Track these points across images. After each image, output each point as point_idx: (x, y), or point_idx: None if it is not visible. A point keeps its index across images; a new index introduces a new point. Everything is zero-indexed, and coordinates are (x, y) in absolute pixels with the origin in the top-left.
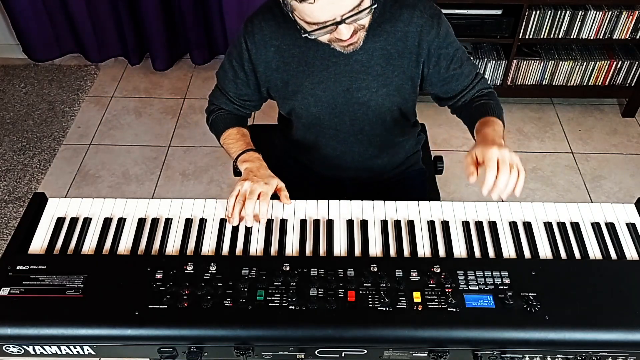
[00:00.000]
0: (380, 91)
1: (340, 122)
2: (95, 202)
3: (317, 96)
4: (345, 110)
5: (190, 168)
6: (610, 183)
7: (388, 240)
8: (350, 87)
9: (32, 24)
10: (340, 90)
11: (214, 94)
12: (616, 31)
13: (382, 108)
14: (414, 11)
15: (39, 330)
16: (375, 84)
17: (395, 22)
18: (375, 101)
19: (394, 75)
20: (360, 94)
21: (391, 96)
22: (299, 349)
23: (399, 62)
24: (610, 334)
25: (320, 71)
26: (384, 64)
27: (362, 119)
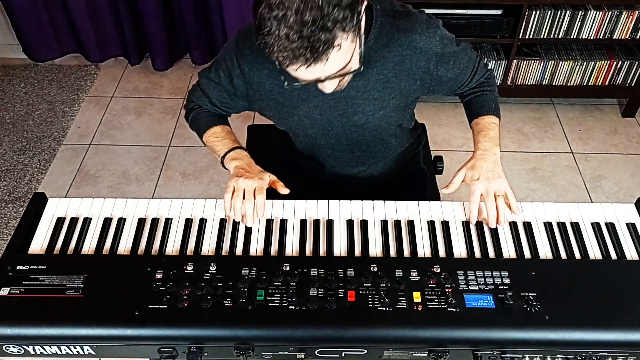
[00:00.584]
0: (376, 114)
1: (337, 142)
2: (95, 202)
3: (313, 119)
4: (341, 132)
5: (190, 168)
6: (610, 183)
7: (388, 240)
8: (346, 111)
9: (32, 24)
10: (336, 114)
11: (195, 93)
12: (616, 31)
13: (379, 129)
14: (411, 35)
15: (39, 330)
16: (372, 107)
17: (392, 47)
18: (372, 123)
19: (390, 98)
20: (356, 117)
21: (388, 117)
22: (299, 349)
23: (396, 85)
24: (610, 334)
25: (316, 96)
26: (381, 88)
27: (359, 139)
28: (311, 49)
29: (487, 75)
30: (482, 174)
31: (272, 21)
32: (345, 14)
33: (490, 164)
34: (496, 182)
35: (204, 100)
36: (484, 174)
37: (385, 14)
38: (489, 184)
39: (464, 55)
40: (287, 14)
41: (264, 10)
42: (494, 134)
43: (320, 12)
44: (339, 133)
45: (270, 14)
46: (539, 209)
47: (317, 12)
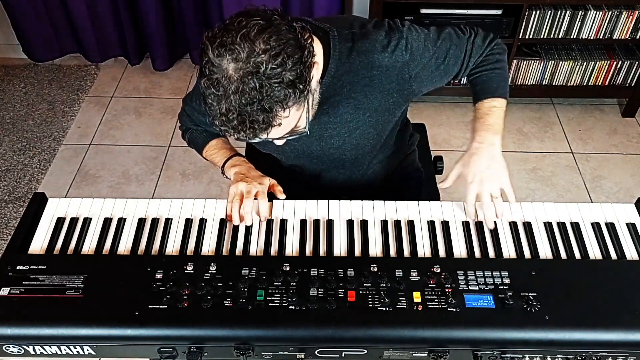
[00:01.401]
0: (353, 134)
1: (320, 162)
2: (95, 202)
3: (291, 145)
4: (322, 154)
5: (190, 168)
6: (610, 183)
7: (388, 240)
8: (322, 135)
9: (32, 24)
10: (312, 139)
11: (183, 118)
12: (616, 31)
13: (359, 146)
14: (372, 55)
15: (39, 330)
16: (346, 129)
17: (357, 71)
18: (349, 144)
19: (365, 117)
20: (333, 140)
21: (366, 134)
22: (299, 349)
23: (368, 105)
24: (610, 334)
25: None
26: (352, 111)
27: (341, 157)
28: (251, 128)
29: (487, 52)
30: (476, 174)
31: (213, 97)
32: (286, 92)
33: (485, 160)
34: (492, 182)
35: (191, 125)
36: (478, 174)
37: (344, 39)
38: (483, 185)
39: (447, 44)
40: (227, 92)
41: (205, 84)
42: (494, 120)
43: (259, 94)
44: (320, 155)
45: (211, 90)
46: (539, 209)
47: (255, 94)
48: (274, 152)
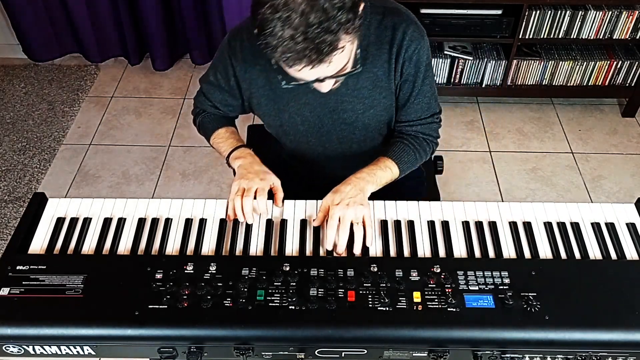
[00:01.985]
0: (366, 113)
1: (328, 140)
2: (95, 202)
3: (303, 116)
4: (332, 129)
5: (190, 168)
6: (610, 183)
7: (388, 240)
8: (336, 108)
9: (32, 24)
10: (326, 111)
11: (199, 99)
12: (616, 31)
13: (369, 127)
14: (396, 32)
15: (39, 330)
16: (362, 106)
17: (381, 45)
18: (361, 122)
19: (381, 97)
20: (346, 115)
21: (378, 115)
22: (299, 349)
23: (386, 84)
24: (610, 334)
25: (306, 93)
26: (371, 87)
27: (349, 137)
28: (316, 51)
29: (429, 139)
30: (343, 198)
31: (276, 22)
32: (348, 17)
33: (355, 190)
34: (356, 208)
35: (207, 105)
36: (345, 199)
37: (375, 10)
38: (346, 210)
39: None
40: (292, 15)
41: (267, 12)
42: (381, 176)
43: (325, 15)
44: (330, 131)
45: (274, 16)
46: (539, 209)
47: (322, 15)
48: (286, 123)
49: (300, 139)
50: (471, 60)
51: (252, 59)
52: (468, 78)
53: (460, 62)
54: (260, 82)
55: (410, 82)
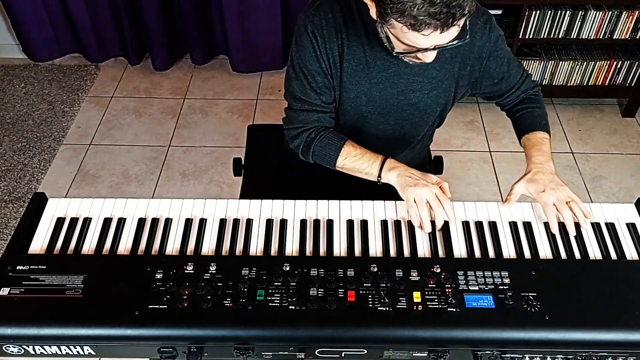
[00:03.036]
0: (431, 93)
1: (385, 121)
2: (95, 202)
3: (371, 96)
4: (393, 110)
5: (190, 168)
6: (610, 183)
7: (388, 240)
8: (405, 88)
9: (32, 24)
10: (395, 91)
11: (294, 118)
12: (616, 31)
13: (429, 109)
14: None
15: (39, 330)
16: (429, 86)
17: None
18: (424, 102)
19: (445, 78)
20: (413, 95)
21: (439, 98)
22: (299, 349)
23: (451, 66)
24: (610, 334)
25: (380, 72)
26: (439, 67)
27: (407, 118)
28: (451, 15)
29: (534, 91)
30: (546, 185)
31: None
32: None
33: (548, 176)
34: (561, 190)
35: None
36: (547, 185)
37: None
38: (556, 193)
39: (514, 60)
40: None
41: None
42: (547, 149)
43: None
44: (391, 111)
45: None
46: (539, 209)
47: None
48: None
49: (358, 119)
50: None
51: (333, 32)
52: None
53: None
54: (337, 57)
55: (497, 57)
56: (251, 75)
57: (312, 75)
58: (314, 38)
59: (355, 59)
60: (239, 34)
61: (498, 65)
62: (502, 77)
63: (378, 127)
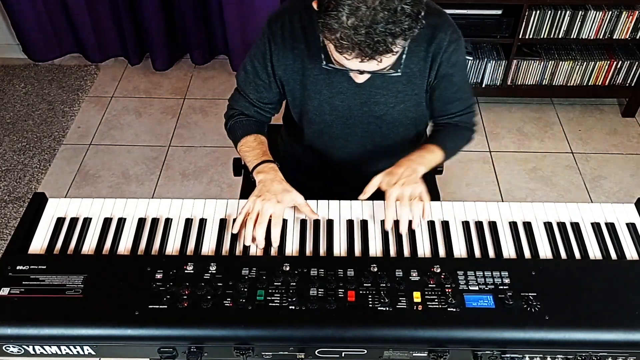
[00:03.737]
0: (397, 107)
1: (352, 133)
2: (95, 202)
3: (333, 105)
4: (359, 121)
5: (190, 168)
6: (610, 183)
7: (388, 240)
8: (368, 100)
9: (32, 24)
10: (357, 102)
11: (234, 97)
12: (616, 31)
13: (396, 122)
14: (437, 32)
15: (39, 330)
16: (394, 100)
17: (420, 42)
18: (390, 116)
19: (413, 93)
20: (377, 107)
21: (407, 112)
22: (299, 349)
23: (420, 81)
24: (610, 334)
25: (341, 82)
26: (406, 82)
27: (374, 130)
28: (372, 48)
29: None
30: (398, 179)
31: (345, 7)
32: (411, 24)
33: (409, 171)
34: (412, 186)
35: (242, 103)
36: (401, 179)
37: None
38: (403, 189)
39: (467, 92)
40: (362, 7)
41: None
42: (429, 158)
43: (393, 17)
44: (356, 123)
45: (345, 1)
46: (539, 209)
47: (390, 16)
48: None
49: (324, 129)
50: (471, 60)
51: (290, 43)
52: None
53: None
54: (295, 67)
55: (449, 81)
56: None
57: (256, 73)
58: (267, 43)
59: (317, 68)
60: (239, 34)
61: (447, 88)
62: (446, 102)
63: (347, 138)
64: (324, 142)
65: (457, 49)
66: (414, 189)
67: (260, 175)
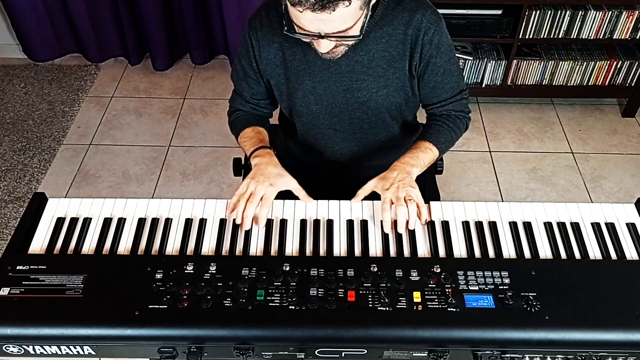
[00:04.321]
0: (380, 92)
1: (340, 121)
2: (95, 202)
3: (317, 95)
4: (344, 109)
5: (190, 168)
6: (610, 183)
7: (388, 240)
8: (350, 87)
9: (32, 24)
10: (340, 89)
11: (232, 96)
12: (616, 31)
13: (381, 108)
14: (414, 15)
15: (39, 330)
16: (376, 85)
17: (397, 25)
18: (375, 101)
19: (394, 77)
20: (360, 93)
21: (391, 96)
22: (299, 349)
23: (401, 65)
24: (610, 334)
25: (321, 70)
26: (386, 65)
27: (361, 118)
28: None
29: (462, 115)
30: (392, 183)
31: None
32: None
33: (402, 174)
34: (406, 189)
35: (238, 101)
36: (395, 183)
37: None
38: (398, 192)
39: (455, 76)
40: None
41: None
42: (423, 158)
43: None
44: (342, 110)
45: None
46: (539, 209)
47: None
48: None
49: (312, 120)
50: (471, 60)
51: (270, 37)
52: (468, 78)
53: (460, 62)
54: (277, 61)
55: (434, 64)
56: None
57: (245, 71)
58: (249, 40)
59: (297, 59)
60: (239, 34)
61: (433, 72)
62: (433, 86)
63: (335, 127)
64: (315, 135)
65: (438, 30)
66: (408, 192)
67: (256, 159)
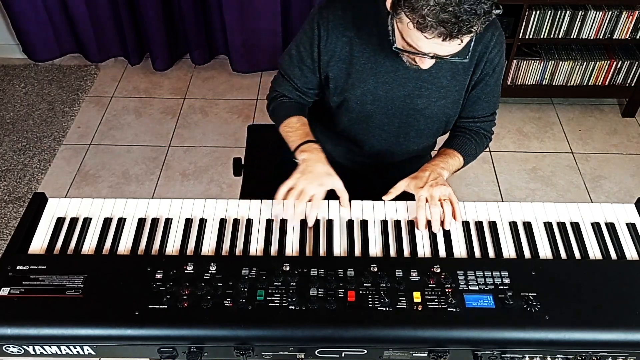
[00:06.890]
0: (439, 102)
1: (390, 123)
2: (95, 202)
3: (377, 95)
4: (398, 113)
5: (190, 168)
6: (610, 183)
7: (388, 240)
8: (412, 93)
9: (32, 24)
10: (401, 94)
11: (277, 81)
12: (616, 31)
13: (434, 117)
14: (486, 32)
15: (39, 330)
16: (437, 94)
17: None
18: (431, 110)
19: (455, 90)
20: (419, 100)
21: (446, 108)
22: (299, 349)
23: (463, 78)
24: (610, 334)
25: (388, 72)
26: (450, 77)
27: (411, 124)
28: (457, 27)
29: (486, 133)
30: (425, 182)
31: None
32: (491, 8)
33: (434, 174)
34: (440, 188)
35: (285, 86)
36: (428, 181)
37: None
38: (432, 190)
39: (495, 98)
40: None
41: None
42: (451, 163)
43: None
44: (396, 114)
45: None
46: (539, 209)
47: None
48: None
49: (362, 117)
50: None
51: (341, 30)
52: None
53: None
54: (342, 55)
55: (485, 82)
56: (251, 75)
57: (301, 58)
58: (317, 29)
59: (364, 57)
60: (239, 34)
61: (481, 89)
62: (474, 101)
63: (383, 128)
64: (357, 130)
65: (500, 51)
66: (442, 190)
67: (304, 154)
